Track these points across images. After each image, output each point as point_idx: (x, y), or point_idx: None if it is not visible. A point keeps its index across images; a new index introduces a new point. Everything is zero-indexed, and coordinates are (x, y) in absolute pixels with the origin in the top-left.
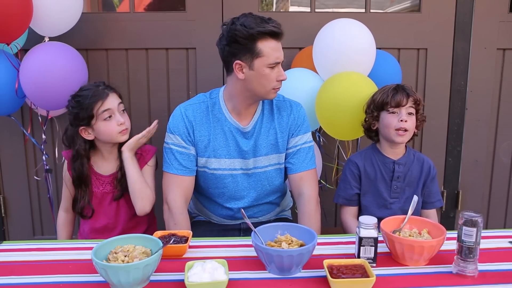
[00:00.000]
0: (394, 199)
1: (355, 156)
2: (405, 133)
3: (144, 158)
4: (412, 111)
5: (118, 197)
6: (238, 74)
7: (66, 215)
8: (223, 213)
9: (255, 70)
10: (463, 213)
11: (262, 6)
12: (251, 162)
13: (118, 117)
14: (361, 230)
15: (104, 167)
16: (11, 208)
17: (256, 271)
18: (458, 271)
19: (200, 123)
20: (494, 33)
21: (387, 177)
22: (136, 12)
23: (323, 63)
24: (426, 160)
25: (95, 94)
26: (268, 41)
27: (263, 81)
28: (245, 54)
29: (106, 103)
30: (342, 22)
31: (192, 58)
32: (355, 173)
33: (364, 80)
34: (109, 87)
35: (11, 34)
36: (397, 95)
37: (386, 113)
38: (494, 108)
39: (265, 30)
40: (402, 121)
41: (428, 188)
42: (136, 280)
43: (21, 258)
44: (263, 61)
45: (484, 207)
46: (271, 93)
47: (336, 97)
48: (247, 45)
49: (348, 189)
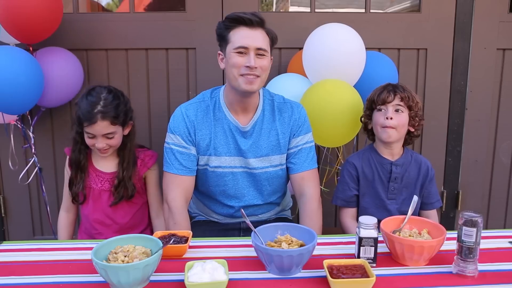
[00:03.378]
0: (391, 200)
1: (352, 157)
2: (390, 129)
3: (146, 163)
4: (401, 108)
5: (116, 203)
6: (220, 64)
7: (67, 215)
8: (224, 211)
9: (227, 57)
10: (463, 213)
11: (262, 6)
12: (252, 162)
13: (99, 142)
14: (361, 230)
15: (104, 164)
16: (11, 208)
17: (256, 271)
18: (458, 271)
19: (201, 122)
20: (494, 33)
21: (384, 178)
22: (136, 12)
23: (313, 67)
24: (424, 161)
25: (87, 115)
26: (240, 28)
27: (231, 66)
28: (222, 44)
29: (91, 127)
30: (330, 27)
31: (192, 58)
32: (353, 174)
33: (344, 87)
34: (107, 113)
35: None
36: (384, 92)
37: (375, 112)
38: (494, 108)
39: (231, 16)
40: (387, 118)
41: (426, 189)
42: (136, 280)
43: (21, 258)
44: (230, 46)
45: (484, 207)
46: (240, 80)
47: (317, 106)
48: (222, 35)
49: (346, 191)
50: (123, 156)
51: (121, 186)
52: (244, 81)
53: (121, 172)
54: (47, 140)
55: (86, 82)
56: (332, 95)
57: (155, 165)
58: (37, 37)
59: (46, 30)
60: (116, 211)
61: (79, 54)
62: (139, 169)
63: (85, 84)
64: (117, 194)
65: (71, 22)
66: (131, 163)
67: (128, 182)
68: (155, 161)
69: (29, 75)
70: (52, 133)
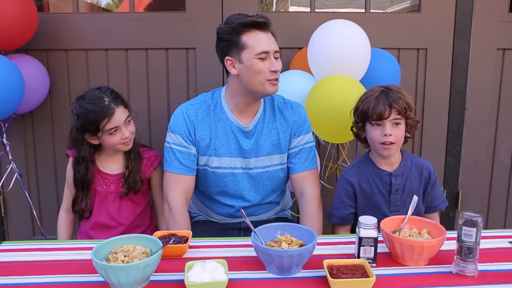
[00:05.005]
0: (395, 212)
1: (347, 172)
2: (391, 146)
3: (152, 163)
4: (398, 121)
5: (125, 194)
6: (231, 70)
7: (67, 215)
8: (224, 211)
9: (244, 63)
10: (463, 213)
11: (262, 6)
12: (252, 161)
13: (123, 132)
14: (361, 230)
15: (110, 166)
16: (11, 208)
17: (256, 271)
18: (458, 271)
19: (201, 123)
20: (494, 33)
21: (385, 191)
22: (136, 12)
23: (318, 64)
24: (425, 165)
25: (102, 110)
26: (253, 32)
27: (255, 73)
28: (232, 50)
29: (112, 120)
30: (336, 23)
31: (192, 58)
32: (350, 191)
33: (352, 83)
34: (116, 98)
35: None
36: (379, 106)
37: (369, 125)
38: (494, 108)
39: (245, 21)
40: (386, 135)
41: (430, 194)
42: (136, 280)
43: (21, 258)
44: (249, 52)
45: (484, 207)
46: (267, 85)
47: (323, 102)
48: (231, 40)
49: (342, 209)
50: (129, 151)
51: (130, 177)
52: (270, 85)
53: (130, 164)
54: (21, 145)
55: (86, 82)
56: (339, 90)
57: (160, 165)
58: (13, 44)
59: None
60: (120, 212)
61: (78, 54)
62: (145, 169)
63: (88, 85)
64: (127, 185)
65: (71, 22)
66: (137, 155)
67: (136, 173)
68: (160, 161)
69: (8, 79)
70: (25, 138)
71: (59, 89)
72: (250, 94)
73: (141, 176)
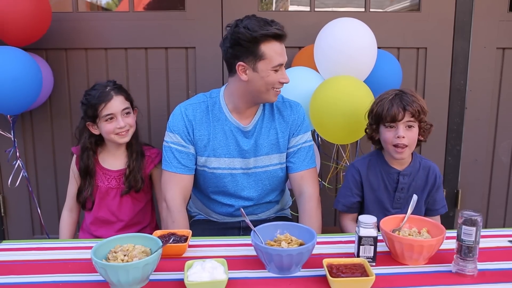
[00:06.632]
0: (396, 209)
1: (357, 161)
2: (403, 149)
3: (153, 160)
4: (412, 124)
5: (126, 192)
6: (242, 75)
7: (70, 214)
8: (223, 211)
9: (259, 72)
10: (463, 212)
11: (262, 5)
12: (251, 161)
13: (119, 121)
14: (360, 229)
15: (112, 162)
16: (11, 207)
17: (255, 270)
18: (457, 270)
19: (200, 123)
20: (494, 32)
21: (391, 188)
22: (136, 11)
23: (324, 62)
24: (432, 168)
25: (101, 95)
26: (272, 43)
27: (266, 83)
28: (248, 56)
29: (108, 106)
30: (343, 21)
31: (192, 57)
32: (357, 179)
33: (357, 84)
34: (117, 88)
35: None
36: (393, 108)
37: (383, 127)
38: (494, 108)
39: (268, 32)
40: (399, 137)
41: (432, 197)
42: (135, 279)
43: (21, 258)
44: (266, 63)
45: (483, 206)
46: (272, 94)
47: (328, 104)
48: (250, 47)
49: (349, 196)
50: (131, 149)
51: (131, 176)
52: (275, 94)
53: (131, 163)
54: (21, 145)
55: (86, 81)
56: (345, 92)
57: (161, 163)
58: (25, 40)
59: (34, 33)
60: (121, 208)
61: (78, 53)
62: (147, 166)
63: (88, 84)
64: (128, 183)
65: (71, 21)
66: (140, 155)
67: (137, 172)
68: (161, 159)
69: (28, 73)
70: (24, 137)
71: (58, 88)
72: (253, 99)
73: (142, 175)
